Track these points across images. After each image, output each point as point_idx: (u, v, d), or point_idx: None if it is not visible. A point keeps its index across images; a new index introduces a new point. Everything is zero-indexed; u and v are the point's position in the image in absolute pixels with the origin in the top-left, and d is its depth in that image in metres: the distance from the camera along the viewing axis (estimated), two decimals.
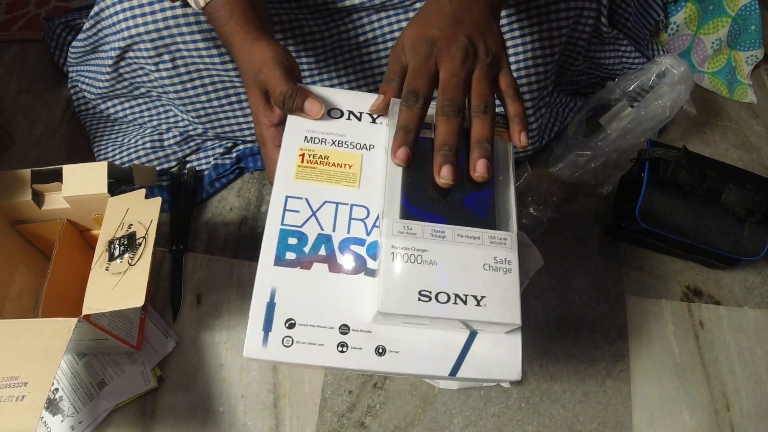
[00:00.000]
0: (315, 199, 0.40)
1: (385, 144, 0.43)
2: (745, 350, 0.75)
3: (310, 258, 0.39)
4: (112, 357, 0.68)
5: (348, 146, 0.43)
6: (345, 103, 0.45)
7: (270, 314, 0.37)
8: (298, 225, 0.39)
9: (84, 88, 0.80)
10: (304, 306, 0.37)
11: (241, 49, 0.47)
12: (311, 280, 0.38)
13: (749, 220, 0.72)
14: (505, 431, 0.68)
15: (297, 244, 0.39)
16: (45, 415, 0.64)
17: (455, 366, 0.36)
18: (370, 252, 0.39)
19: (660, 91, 0.78)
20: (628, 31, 0.86)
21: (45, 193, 0.65)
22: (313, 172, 0.41)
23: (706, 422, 0.70)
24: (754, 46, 0.99)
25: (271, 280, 0.38)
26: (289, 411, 0.67)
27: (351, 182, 0.41)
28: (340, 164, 0.42)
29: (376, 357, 0.36)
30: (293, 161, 0.42)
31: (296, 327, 0.37)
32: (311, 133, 0.43)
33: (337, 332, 0.37)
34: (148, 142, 0.80)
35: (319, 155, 0.42)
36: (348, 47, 0.72)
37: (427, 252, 0.37)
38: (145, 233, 0.57)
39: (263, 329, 0.36)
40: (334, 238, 0.39)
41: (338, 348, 0.36)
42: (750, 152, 0.95)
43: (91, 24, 0.69)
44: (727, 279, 0.81)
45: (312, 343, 0.36)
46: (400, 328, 0.37)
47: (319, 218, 0.40)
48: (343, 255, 0.39)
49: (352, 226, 0.40)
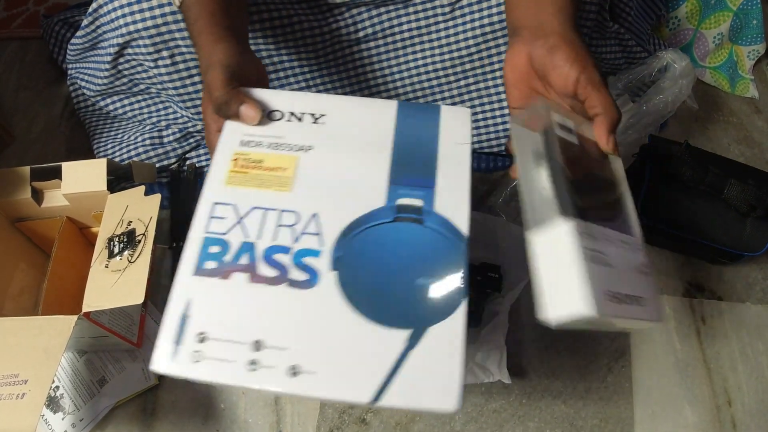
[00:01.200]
0: (243, 205, 0.39)
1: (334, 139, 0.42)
2: (747, 346, 0.75)
3: (230, 267, 0.36)
4: (112, 354, 0.68)
5: (285, 149, 0.41)
6: (286, 104, 0.44)
7: (182, 326, 0.34)
8: (222, 232, 0.38)
9: (83, 85, 0.80)
10: (218, 319, 0.35)
11: (202, 50, 0.47)
12: (229, 291, 0.36)
13: (751, 215, 0.72)
14: (506, 427, 0.68)
15: (218, 252, 0.37)
16: (46, 413, 0.64)
17: (379, 392, 0.32)
18: (297, 260, 0.36)
19: (661, 86, 0.77)
20: (629, 26, 0.86)
21: (44, 190, 0.65)
22: (244, 177, 0.40)
23: (708, 418, 0.70)
24: (756, 41, 0.98)
25: (187, 290, 0.36)
26: (290, 407, 0.67)
27: (284, 186, 0.40)
28: (274, 168, 0.40)
29: (289, 378, 0.33)
30: (226, 166, 0.41)
31: (207, 341, 0.34)
32: (248, 136, 0.42)
33: (250, 349, 0.34)
34: (148, 139, 0.80)
35: (253, 159, 0.41)
36: (347, 43, 0.72)
37: (605, 254, 0.36)
38: (145, 230, 0.57)
39: (174, 342, 0.34)
40: (259, 246, 0.37)
41: (248, 366, 0.33)
42: (752, 147, 0.94)
43: (89, 21, 0.69)
44: (729, 275, 0.81)
45: (221, 360, 0.33)
46: (322, 346, 0.34)
47: (246, 225, 0.38)
48: (265, 264, 0.36)
49: (279, 233, 0.38)
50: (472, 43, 0.71)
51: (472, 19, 0.69)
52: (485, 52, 0.72)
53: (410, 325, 0.34)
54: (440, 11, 0.69)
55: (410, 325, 0.34)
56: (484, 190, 0.84)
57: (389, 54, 0.73)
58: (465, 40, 0.71)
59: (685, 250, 0.80)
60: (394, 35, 0.72)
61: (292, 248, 0.37)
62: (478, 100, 0.77)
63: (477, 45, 0.71)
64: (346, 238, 0.37)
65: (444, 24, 0.70)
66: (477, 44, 0.71)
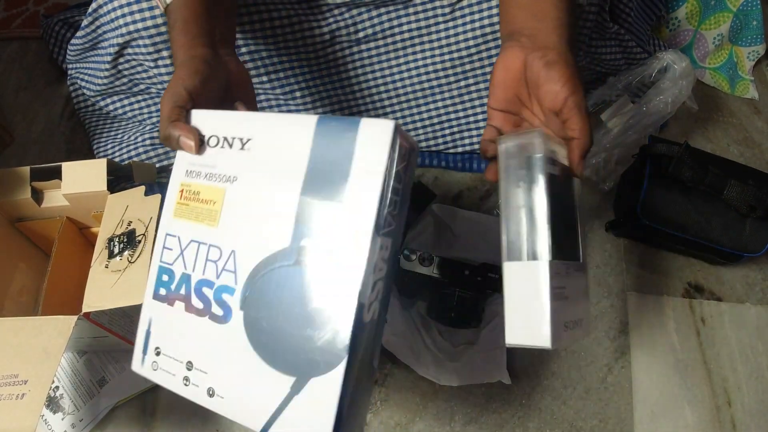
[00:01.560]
0: (184, 237, 0.41)
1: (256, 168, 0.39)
2: (747, 346, 0.75)
3: (174, 296, 0.40)
4: (112, 354, 0.68)
5: (215, 179, 0.40)
6: (222, 127, 0.41)
7: (147, 340, 0.41)
8: (170, 263, 0.41)
9: (83, 85, 0.80)
10: (167, 338, 0.41)
11: (177, 58, 0.47)
12: (173, 316, 0.40)
13: (751, 216, 0.72)
14: (506, 427, 0.68)
15: (167, 281, 0.41)
16: (46, 413, 0.64)
17: (266, 426, 0.35)
18: (216, 297, 0.38)
19: (661, 87, 0.77)
20: (629, 27, 0.86)
21: (44, 190, 0.65)
22: (186, 209, 0.41)
23: (708, 418, 0.70)
24: (756, 42, 0.98)
25: (148, 311, 0.42)
26: None
27: (212, 221, 0.40)
28: (207, 200, 0.41)
29: (208, 397, 0.38)
30: (174, 197, 0.42)
31: (161, 355, 0.40)
32: (191, 165, 0.42)
33: (184, 367, 0.39)
34: (148, 139, 0.80)
35: (194, 191, 0.41)
36: (348, 44, 0.72)
37: (565, 289, 0.39)
38: (145, 230, 0.57)
39: (142, 351, 0.41)
40: (193, 278, 0.40)
41: (183, 381, 0.39)
42: (752, 148, 0.94)
43: (89, 21, 0.69)
44: (729, 275, 0.81)
45: (168, 372, 0.40)
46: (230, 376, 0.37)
47: (185, 257, 0.41)
48: (195, 296, 0.40)
49: (207, 267, 0.39)
50: (472, 44, 0.71)
51: (472, 20, 0.69)
52: (485, 53, 0.72)
53: (295, 372, 0.35)
54: (440, 12, 0.69)
55: (295, 373, 0.35)
56: (483, 191, 0.84)
57: (389, 55, 0.73)
58: (465, 41, 0.71)
59: (684, 251, 0.80)
60: (394, 36, 0.72)
61: (215, 283, 0.39)
62: (478, 100, 0.77)
63: (477, 46, 0.71)
64: (254, 279, 0.37)
65: (444, 25, 0.70)
66: (477, 45, 0.71)
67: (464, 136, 0.81)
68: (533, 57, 0.44)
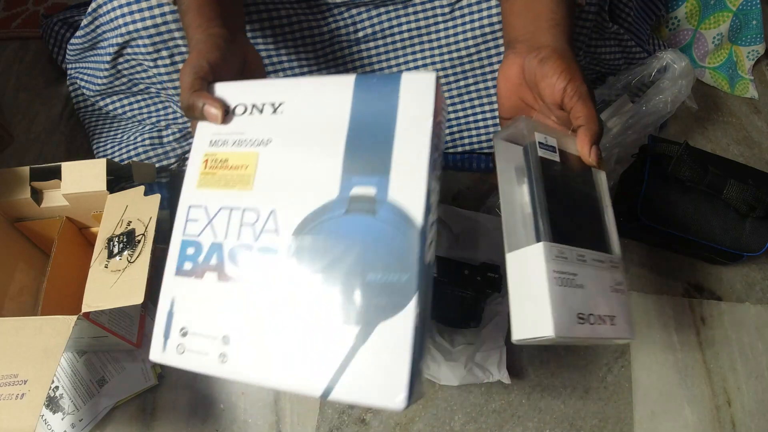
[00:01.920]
0: (212, 206, 0.40)
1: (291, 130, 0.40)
2: (747, 346, 0.75)
3: (203, 267, 0.38)
4: (112, 354, 0.68)
5: (246, 145, 0.40)
6: (249, 96, 0.42)
7: (169, 322, 0.38)
8: (196, 234, 0.39)
9: (83, 85, 0.80)
10: (195, 315, 0.38)
11: (192, 39, 0.47)
12: (202, 289, 0.38)
13: (751, 215, 0.72)
14: (506, 427, 0.68)
15: (193, 254, 0.39)
16: (45, 413, 0.64)
17: (329, 386, 0.33)
18: (257, 258, 0.37)
19: (661, 87, 0.77)
20: (629, 26, 0.86)
21: (44, 190, 0.65)
22: (212, 179, 0.40)
23: (708, 418, 0.70)
24: (756, 41, 0.98)
25: (171, 290, 0.39)
26: (289, 407, 0.67)
27: (246, 185, 0.39)
28: (237, 166, 0.40)
29: (252, 370, 0.35)
30: (197, 168, 0.41)
31: (188, 335, 0.37)
32: (216, 135, 0.42)
33: (220, 342, 0.36)
34: (147, 139, 0.80)
35: (220, 159, 0.41)
36: (347, 43, 0.72)
37: (576, 276, 0.38)
38: (145, 230, 0.57)
39: (163, 336, 0.38)
40: (225, 246, 0.38)
41: (219, 358, 0.36)
42: (751, 147, 0.94)
43: (88, 20, 0.69)
44: (729, 275, 0.81)
45: (198, 352, 0.37)
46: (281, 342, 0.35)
47: (214, 226, 0.39)
48: (231, 263, 0.38)
49: (243, 231, 0.38)
50: (471, 44, 0.71)
51: (471, 20, 0.69)
52: (485, 53, 0.72)
53: (359, 321, 0.33)
54: (440, 11, 0.69)
55: (359, 322, 0.33)
56: (483, 190, 0.84)
57: (389, 54, 0.73)
58: (464, 41, 0.71)
59: (684, 251, 0.80)
60: (394, 35, 0.72)
61: (253, 246, 0.37)
62: (477, 100, 0.77)
63: (476, 45, 0.71)
64: (301, 234, 0.37)
65: (444, 24, 0.70)
66: (476, 44, 0.71)
67: (464, 135, 0.81)
68: (528, 59, 0.45)
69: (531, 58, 0.44)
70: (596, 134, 0.42)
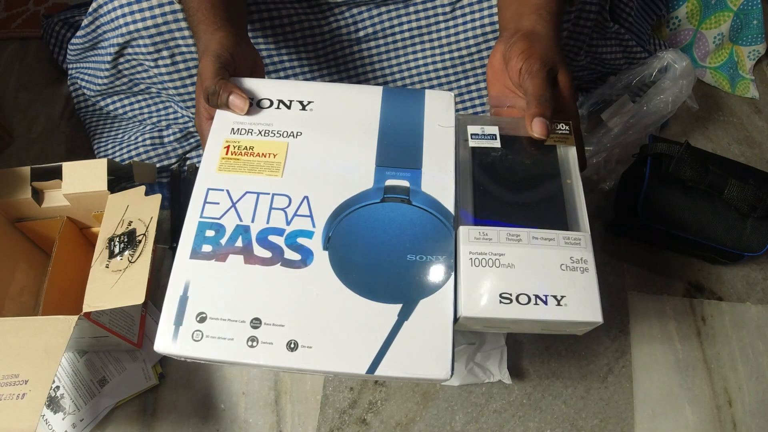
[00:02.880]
0: (236, 190, 0.40)
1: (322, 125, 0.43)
2: (747, 346, 0.75)
3: (226, 250, 0.38)
4: (113, 354, 0.68)
5: (274, 135, 0.43)
6: (275, 92, 0.45)
7: (182, 308, 0.36)
8: (217, 217, 0.39)
9: (83, 85, 0.80)
10: (216, 299, 0.36)
11: (200, 40, 0.48)
12: (226, 272, 0.37)
13: (751, 215, 0.72)
14: (506, 427, 0.67)
15: (214, 236, 0.38)
16: (46, 413, 0.64)
17: (374, 363, 0.34)
18: (289, 242, 0.38)
19: (662, 86, 0.77)
20: (629, 26, 0.86)
21: (45, 190, 0.65)
22: (236, 164, 0.41)
23: (708, 418, 0.70)
24: (757, 41, 0.98)
25: (185, 273, 0.37)
26: (290, 408, 0.67)
27: (274, 172, 0.41)
28: (265, 154, 0.42)
29: (288, 352, 0.35)
30: (217, 154, 0.42)
31: (207, 321, 0.36)
32: (238, 124, 0.43)
33: (248, 326, 0.36)
34: (148, 139, 0.80)
35: (244, 146, 0.42)
36: (348, 42, 0.72)
37: (504, 256, 0.37)
38: (145, 230, 0.57)
39: (174, 323, 0.36)
40: (253, 228, 0.39)
41: (248, 343, 0.35)
42: (752, 147, 0.94)
43: (89, 20, 0.69)
44: (729, 275, 0.81)
45: (221, 338, 0.35)
46: (318, 322, 0.36)
47: (239, 209, 0.39)
48: (260, 246, 0.38)
49: (272, 215, 0.39)
50: (472, 43, 0.71)
51: (472, 19, 0.69)
52: (486, 52, 0.72)
53: (401, 299, 0.36)
54: (441, 11, 0.69)
55: (401, 300, 0.36)
56: None
57: (389, 54, 0.73)
58: (465, 40, 0.71)
59: (685, 251, 0.80)
60: (395, 35, 0.72)
61: (285, 230, 0.39)
62: (478, 99, 0.77)
63: (477, 45, 0.71)
64: (337, 219, 0.39)
65: (444, 24, 0.70)
66: (477, 44, 0.71)
67: None
68: (507, 45, 0.45)
69: (507, 44, 0.45)
70: (540, 108, 0.41)
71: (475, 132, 0.43)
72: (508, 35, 0.47)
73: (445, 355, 0.35)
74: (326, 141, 0.42)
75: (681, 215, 0.73)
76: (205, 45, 0.47)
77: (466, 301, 0.35)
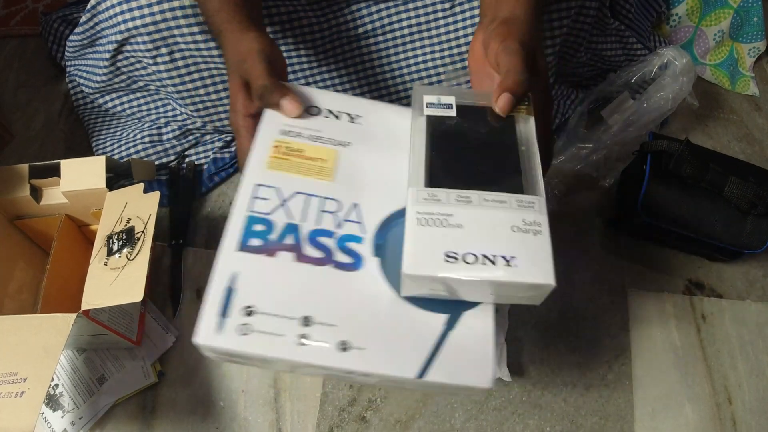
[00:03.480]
0: (286, 189, 0.40)
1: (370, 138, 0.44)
2: (747, 344, 0.75)
3: (276, 246, 0.38)
4: (112, 352, 0.67)
5: (324, 142, 0.43)
6: (324, 101, 0.46)
7: (228, 300, 0.35)
8: (266, 212, 0.39)
9: (82, 82, 0.80)
10: (265, 294, 0.35)
11: (230, 39, 0.48)
12: (275, 268, 0.37)
13: (752, 212, 0.72)
14: (506, 425, 0.67)
15: (263, 231, 0.38)
16: (45, 411, 0.64)
17: (423, 369, 0.35)
18: (340, 245, 0.38)
19: (662, 83, 0.77)
20: (630, 23, 0.85)
21: (43, 188, 0.65)
22: (286, 163, 0.41)
23: (708, 416, 0.70)
24: (757, 38, 0.98)
25: (232, 265, 0.36)
26: (289, 405, 0.67)
27: (325, 176, 0.41)
28: (315, 158, 0.42)
29: (339, 353, 0.34)
30: (267, 151, 0.42)
31: (255, 315, 0.34)
32: (288, 126, 0.43)
33: (299, 324, 0.35)
34: (147, 137, 0.79)
35: (294, 148, 0.42)
36: (347, 39, 0.71)
37: (452, 216, 0.36)
38: (144, 228, 0.57)
39: (219, 314, 0.34)
40: (303, 228, 0.39)
41: (298, 340, 0.34)
42: (752, 145, 0.94)
43: (88, 17, 0.69)
44: (729, 272, 0.81)
45: (271, 333, 0.34)
46: (369, 325, 0.36)
47: (289, 208, 0.39)
48: (310, 246, 0.38)
49: (323, 218, 0.39)
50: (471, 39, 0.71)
51: (471, 15, 0.69)
52: None
53: (447, 310, 0.37)
54: (440, 7, 0.69)
55: (447, 310, 0.37)
56: None
57: (389, 50, 0.73)
58: (465, 36, 0.70)
59: (685, 248, 0.80)
60: (394, 32, 0.71)
61: (335, 233, 0.39)
62: None
63: None
64: (386, 228, 0.39)
65: (444, 20, 0.70)
66: None
67: None
68: (485, 32, 0.45)
69: (486, 30, 0.45)
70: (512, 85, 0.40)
71: (431, 101, 0.43)
72: (487, 21, 0.47)
73: (487, 365, 0.36)
74: (375, 154, 0.43)
75: (681, 212, 0.73)
76: (237, 45, 0.46)
77: (409, 260, 0.34)
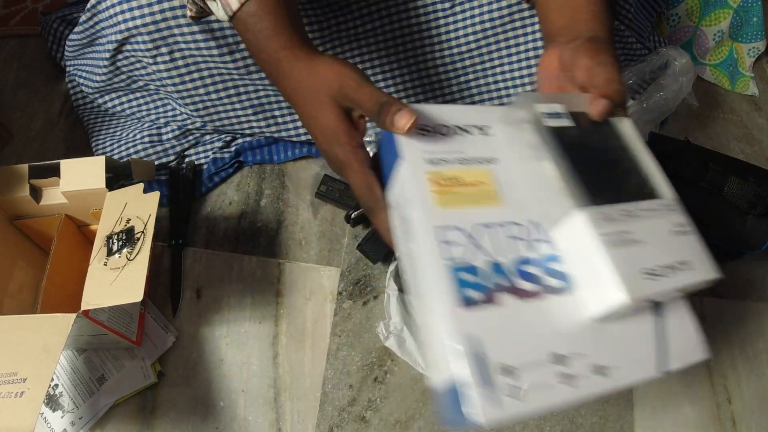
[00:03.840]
0: (465, 224, 0.36)
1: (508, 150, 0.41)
2: (747, 344, 0.75)
3: (491, 291, 0.34)
4: (111, 352, 0.67)
5: (471, 162, 0.39)
6: (442, 116, 0.40)
7: (483, 368, 0.30)
8: (461, 257, 0.34)
9: (82, 82, 0.80)
10: (510, 346, 0.32)
11: (296, 66, 0.44)
12: (503, 315, 0.33)
13: (751, 212, 0.72)
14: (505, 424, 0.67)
15: (473, 280, 0.34)
16: (45, 411, 0.64)
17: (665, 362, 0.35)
18: (546, 268, 0.36)
19: (662, 83, 0.77)
20: (629, 23, 0.85)
21: (43, 188, 0.65)
22: (454, 198, 0.37)
23: (708, 416, 0.70)
24: (756, 38, 0.98)
25: (464, 328, 0.31)
26: (289, 405, 0.67)
27: (492, 200, 0.38)
28: (475, 182, 0.38)
29: (602, 378, 0.32)
30: (425, 187, 0.37)
31: (515, 372, 0.31)
32: (430, 154, 0.38)
33: (554, 363, 0.32)
34: (147, 137, 0.79)
35: (449, 177, 0.38)
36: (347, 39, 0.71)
37: (630, 233, 0.35)
38: (144, 228, 0.57)
39: (481, 386, 0.30)
40: (505, 263, 0.35)
41: (566, 380, 0.31)
42: (752, 144, 0.94)
43: (87, 17, 0.69)
44: (729, 272, 0.81)
45: (539, 384, 0.31)
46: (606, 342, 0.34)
47: (481, 245, 0.35)
48: (521, 279, 0.35)
49: (514, 245, 0.36)
50: (472, 39, 0.71)
51: (472, 15, 0.69)
52: (485, 49, 0.72)
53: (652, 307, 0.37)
54: (440, 7, 0.69)
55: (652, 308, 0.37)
56: None
57: (389, 50, 0.73)
58: (465, 36, 0.70)
59: None
60: (394, 32, 0.71)
61: (534, 258, 0.36)
62: (478, 96, 0.77)
63: (477, 41, 0.71)
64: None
65: (444, 20, 0.70)
66: (477, 41, 0.71)
67: None
68: (564, 50, 0.45)
69: (567, 48, 0.45)
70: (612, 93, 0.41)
71: (546, 110, 0.40)
72: (564, 40, 0.46)
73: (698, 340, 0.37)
74: (523, 164, 0.40)
75: None
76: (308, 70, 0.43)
77: (626, 285, 0.32)
